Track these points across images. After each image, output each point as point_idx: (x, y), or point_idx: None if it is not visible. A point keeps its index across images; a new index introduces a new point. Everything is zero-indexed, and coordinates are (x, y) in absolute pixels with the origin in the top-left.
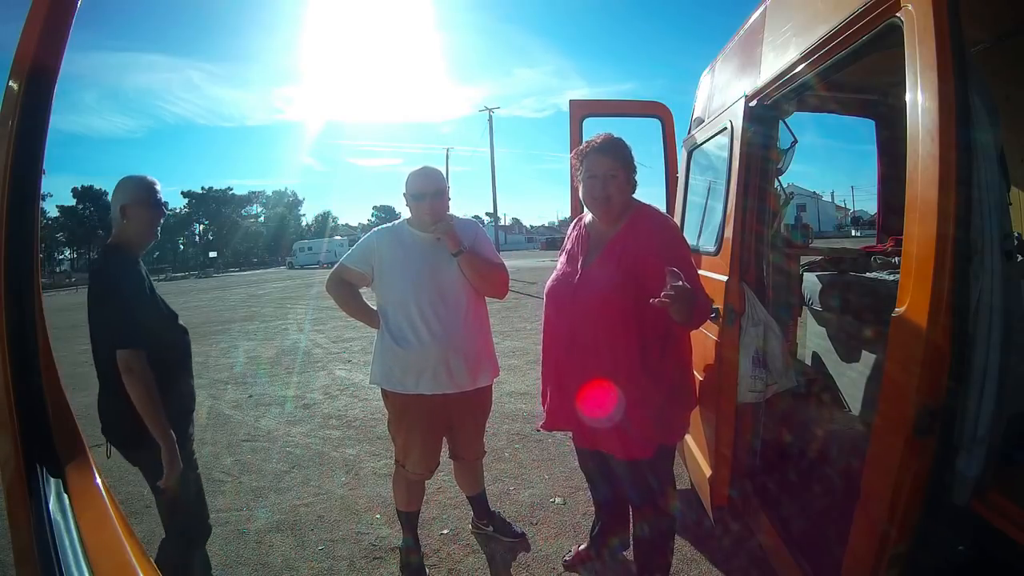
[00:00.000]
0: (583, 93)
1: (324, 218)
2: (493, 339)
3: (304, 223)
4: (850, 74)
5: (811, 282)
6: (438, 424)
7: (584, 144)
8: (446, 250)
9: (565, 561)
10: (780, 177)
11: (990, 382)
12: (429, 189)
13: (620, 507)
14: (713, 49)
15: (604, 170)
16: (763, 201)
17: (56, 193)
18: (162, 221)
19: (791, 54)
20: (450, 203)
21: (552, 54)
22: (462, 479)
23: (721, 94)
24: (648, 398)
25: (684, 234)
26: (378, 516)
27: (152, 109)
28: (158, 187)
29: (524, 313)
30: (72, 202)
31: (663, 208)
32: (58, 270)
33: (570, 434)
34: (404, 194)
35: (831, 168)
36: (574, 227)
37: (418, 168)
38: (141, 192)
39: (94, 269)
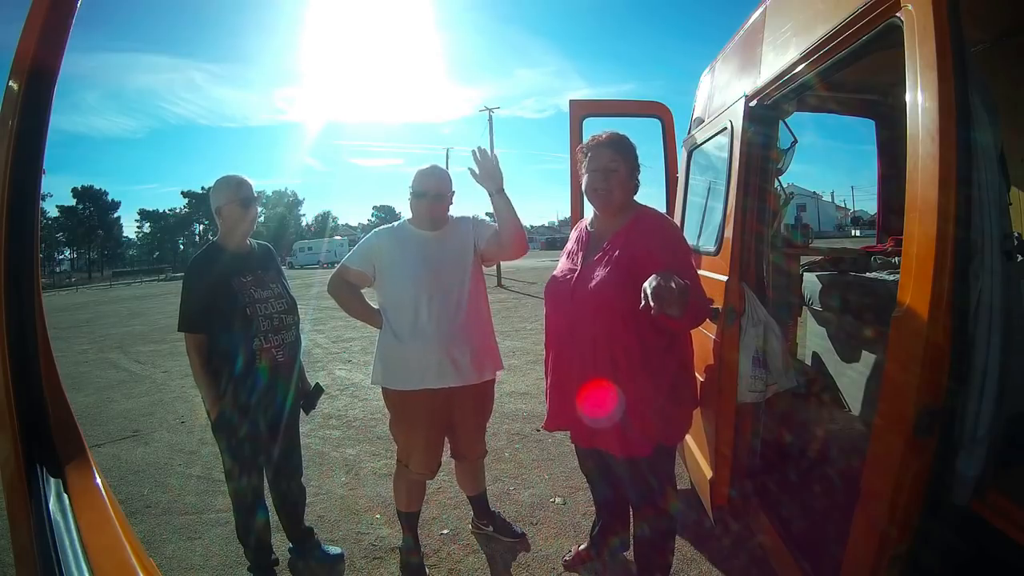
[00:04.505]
0: (584, 93)
1: (324, 218)
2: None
3: (304, 223)
4: (850, 74)
5: (811, 282)
6: (440, 422)
7: (590, 139)
8: (447, 247)
9: (565, 561)
10: (780, 177)
11: (990, 382)
12: (430, 190)
13: (620, 507)
14: (713, 49)
15: (605, 163)
16: (763, 201)
17: (56, 193)
18: (243, 215)
19: (791, 54)
20: (451, 205)
21: (552, 55)
22: (463, 479)
23: (721, 94)
24: (648, 397)
25: (684, 234)
26: (378, 516)
27: (154, 109)
28: (240, 186)
29: (524, 313)
30: (72, 202)
31: (663, 208)
32: (58, 270)
33: (570, 433)
34: (410, 186)
35: (831, 168)
36: (576, 229)
37: (428, 165)
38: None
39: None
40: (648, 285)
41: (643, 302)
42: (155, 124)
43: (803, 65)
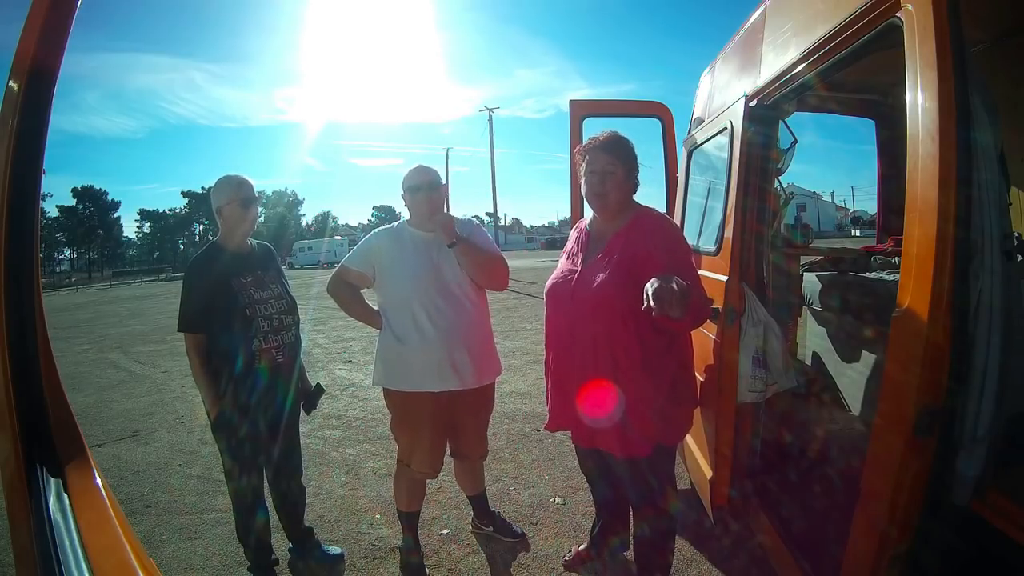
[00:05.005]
0: (584, 93)
1: (324, 218)
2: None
3: (304, 223)
4: (850, 74)
5: (811, 282)
6: (442, 423)
7: (588, 140)
8: (446, 247)
9: (565, 561)
10: (780, 177)
11: (990, 382)
12: (424, 181)
13: (620, 507)
14: (713, 49)
15: (603, 166)
16: (763, 201)
17: (56, 193)
18: (244, 215)
19: (791, 54)
20: (447, 200)
21: (552, 55)
22: (463, 479)
23: (721, 94)
24: (648, 397)
25: (684, 234)
26: (378, 516)
27: (154, 109)
28: (241, 186)
29: (524, 313)
30: (72, 202)
31: (663, 208)
32: (58, 270)
33: (570, 433)
34: (402, 193)
35: (831, 168)
36: (575, 229)
37: (414, 165)
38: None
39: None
40: (649, 286)
41: (644, 303)
42: (155, 124)
43: (803, 65)
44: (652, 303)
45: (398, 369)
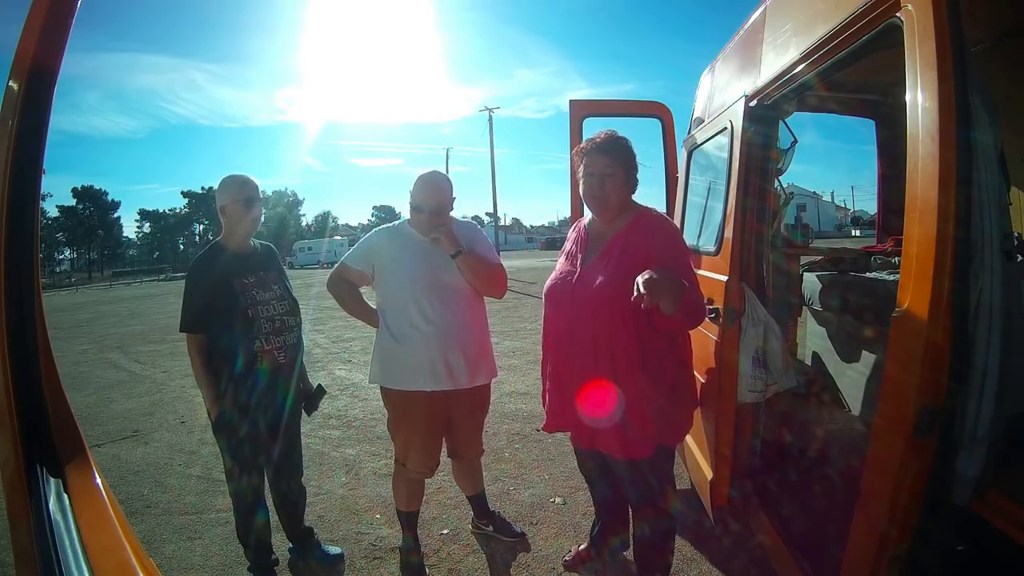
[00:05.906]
0: (584, 94)
1: (324, 218)
2: (491, 339)
3: (304, 223)
4: (850, 74)
5: (811, 282)
6: (437, 422)
7: (586, 141)
8: (445, 250)
9: (565, 561)
10: (780, 177)
11: (990, 382)
12: (426, 205)
13: (620, 507)
14: (713, 49)
15: (601, 168)
16: (763, 201)
17: (56, 193)
18: (245, 214)
19: (791, 54)
20: (452, 211)
21: (552, 55)
22: (462, 479)
23: (721, 94)
24: (648, 397)
25: (684, 234)
26: (378, 516)
27: (154, 109)
28: (244, 186)
29: (524, 313)
30: (72, 202)
31: (663, 208)
32: (58, 270)
33: (570, 434)
34: (411, 190)
35: (831, 168)
36: (574, 229)
37: (427, 174)
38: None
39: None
40: (640, 277)
41: (635, 293)
42: (155, 124)
43: (803, 65)
44: (643, 291)
45: (394, 368)
